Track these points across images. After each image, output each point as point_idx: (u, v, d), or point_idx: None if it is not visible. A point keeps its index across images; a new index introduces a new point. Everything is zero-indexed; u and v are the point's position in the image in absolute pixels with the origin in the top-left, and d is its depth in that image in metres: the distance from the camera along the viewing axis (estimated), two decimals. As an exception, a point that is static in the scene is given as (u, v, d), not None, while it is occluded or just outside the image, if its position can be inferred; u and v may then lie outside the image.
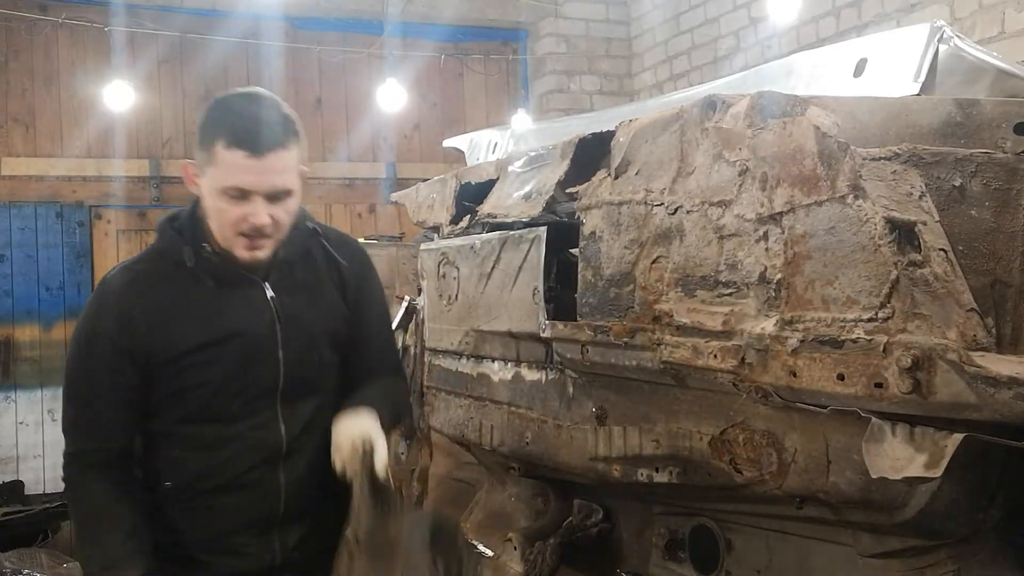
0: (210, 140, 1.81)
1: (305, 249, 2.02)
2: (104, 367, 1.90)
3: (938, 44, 1.99)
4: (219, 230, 1.86)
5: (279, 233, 1.89)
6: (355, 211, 6.90)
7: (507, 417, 2.56)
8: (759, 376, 1.67)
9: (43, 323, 6.00)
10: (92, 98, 6.14)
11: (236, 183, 1.79)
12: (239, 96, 1.90)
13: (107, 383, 1.90)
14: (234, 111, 1.84)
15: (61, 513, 5.31)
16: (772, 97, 1.68)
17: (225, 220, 1.83)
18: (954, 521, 1.68)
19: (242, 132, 1.79)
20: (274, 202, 1.83)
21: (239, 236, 1.84)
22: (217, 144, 1.79)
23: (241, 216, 1.82)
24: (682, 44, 6.73)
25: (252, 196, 1.81)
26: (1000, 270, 1.59)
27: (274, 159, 1.80)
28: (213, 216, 1.86)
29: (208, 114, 1.87)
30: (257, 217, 1.81)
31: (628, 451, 2.11)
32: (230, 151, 1.78)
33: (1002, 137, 1.64)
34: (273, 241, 1.89)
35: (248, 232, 1.83)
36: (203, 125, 1.86)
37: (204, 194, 1.86)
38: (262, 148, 1.78)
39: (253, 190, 1.80)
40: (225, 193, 1.80)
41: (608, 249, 2.08)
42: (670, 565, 2.33)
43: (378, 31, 6.69)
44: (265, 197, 1.82)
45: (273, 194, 1.83)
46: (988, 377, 1.36)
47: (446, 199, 2.88)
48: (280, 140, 1.82)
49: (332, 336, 2.03)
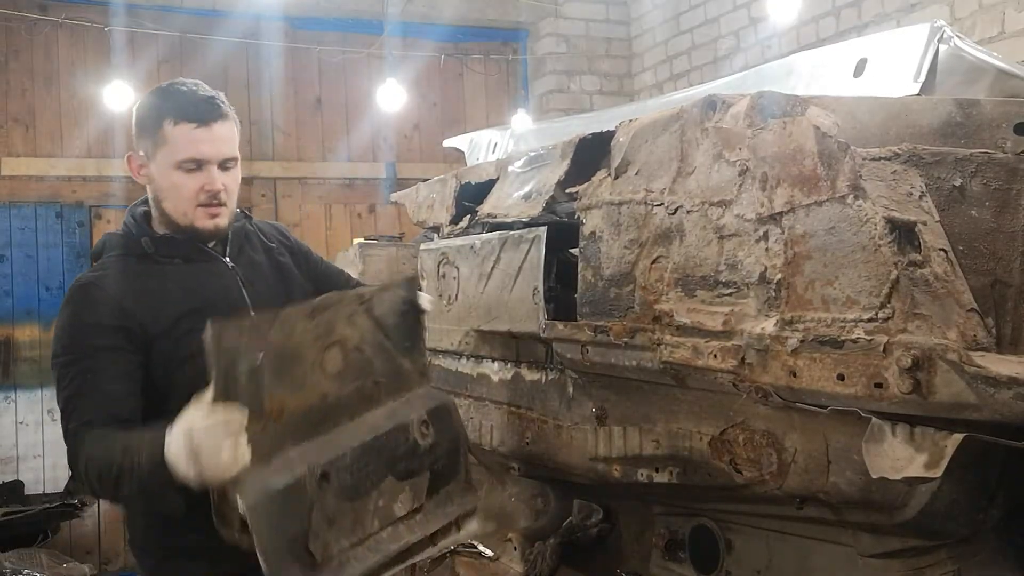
0: (157, 123, 1.95)
1: (245, 232, 2.17)
2: (101, 342, 1.90)
3: (938, 44, 1.99)
4: (177, 206, 1.99)
5: (231, 202, 2.03)
6: (355, 211, 6.89)
7: (507, 417, 2.56)
8: (759, 376, 1.67)
9: (43, 323, 5.98)
10: (92, 98, 6.13)
11: (190, 154, 1.94)
12: (169, 84, 2.04)
13: (106, 357, 1.90)
14: (172, 94, 1.99)
15: (61, 513, 5.31)
16: (772, 97, 1.68)
17: (184, 194, 1.96)
18: (954, 521, 1.68)
19: (187, 107, 1.95)
20: (224, 170, 1.99)
21: (198, 208, 1.98)
22: (165, 123, 1.94)
23: (198, 186, 1.96)
24: (682, 44, 6.73)
25: (206, 165, 1.95)
26: (1000, 270, 1.59)
27: (220, 128, 1.97)
28: (169, 195, 1.98)
29: (147, 104, 2.00)
30: (213, 183, 1.96)
31: (628, 451, 2.11)
32: (179, 126, 1.93)
33: (1002, 137, 1.64)
34: (228, 210, 2.03)
35: (206, 201, 1.97)
36: (144, 115, 1.99)
37: (156, 176, 1.99)
38: (208, 118, 1.95)
39: (206, 158, 1.95)
40: (181, 167, 1.95)
41: (608, 249, 2.08)
42: (670, 565, 2.34)
43: (378, 31, 6.69)
44: (217, 165, 1.97)
45: (223, 161, 1.98)
46: (988, 377, 1.36)
47: (446, 199, 2.88)
48: (221, 111, 1.98)
49: (290, 296, 2.14)
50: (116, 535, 5.97)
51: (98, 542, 6.05)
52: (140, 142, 2.00)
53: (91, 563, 5.62)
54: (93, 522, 5.97)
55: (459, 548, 2.35)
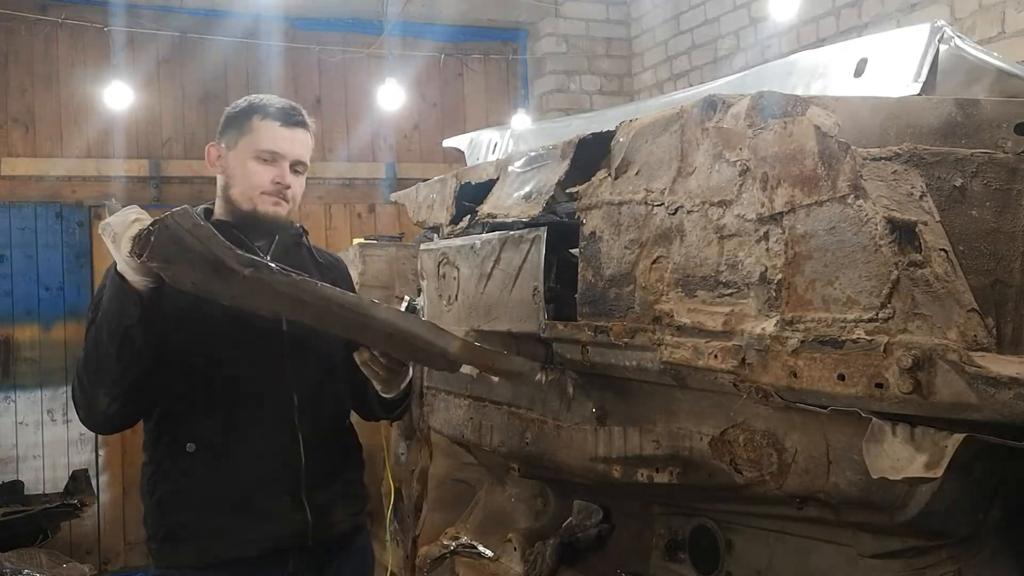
0: (246, 117, 2.15)
1: (297, 240, 2.31)
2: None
3: (938, 44, 1.98)
4: (245, 191, 2.14)
5: (294, 202, 2.19)
6: (355, 211, 6.89)
7: (507, 417, 2.56)
8: (759, 376, 1.67)
9: (43, 323, 5.99)
10: (92, 98, 6.13)
11: (270, 147, 2.13)
12: (268, 94, 2.25)
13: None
14: (264, 98, 2.20)
15: (61, 513, 5.32)
16: (772, 97, 1.68)
17: (255, 181, 2.13)
18: (954, 521, 1.68)
19: (277, 109, 2.17)
20: (293, 172, 2.17)
21: (263, 195, 2.13)
22: (254, 117, 2.15)
23: (270, 177, 2.13)
24: (682, 44, 6.73)
25: (280, 160, 2.14)
26: (1001, 270, 1.59)
27: (300, 134, 2.19)
28: (240, 182, 2.14)
29: (239, 104, 2.20)
30: (284, 177, 2.14)
31: (628, 451, 2.11)
32: (266, 121, 2.14)
33: (1003, 137, 1.63)
34: (290, 206, 2.18)
35: (273, 191, 2.14)
36: (235, 112, 2.19)
37: (231, 164, 2.15)
38: (292, 122, 2.17)
39: (283, 154, 2.14)
40: (258, 157, 2.13)
41: (608, 249, 2.08)
42: (670, 565, 2.34)
43: (378, 31, 6.69)
44: (290, 164, 2.16)
45: (296, 163, 2.17)
46: (988, 377, 1.36)
47: (446, 199, 2.88)
48: (304, 121, 2.21)
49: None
50: (116, 535, 5.98)
51: (98, 542, 6.05)
52: (223, 135, 2.18)
53: (91, 563, 5.63)
54: (93, 522, 5.97)
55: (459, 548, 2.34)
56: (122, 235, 1.80)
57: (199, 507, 2.03)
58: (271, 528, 2.04)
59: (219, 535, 2.02)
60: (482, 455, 2.84)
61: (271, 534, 2.03)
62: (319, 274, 2.21)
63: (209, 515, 2.03)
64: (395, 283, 4.33)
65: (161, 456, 2.08)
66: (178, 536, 2.04)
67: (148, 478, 2.10)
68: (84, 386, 1.95)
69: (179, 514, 2.04)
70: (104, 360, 1.90)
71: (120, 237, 1.80)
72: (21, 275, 5.99)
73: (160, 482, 2.08)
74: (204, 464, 2.03)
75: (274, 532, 2.04)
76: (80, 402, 1.98)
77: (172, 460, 2.06)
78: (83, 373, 1.95)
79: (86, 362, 1.94)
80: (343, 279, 2.38)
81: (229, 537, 2.02)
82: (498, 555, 2.61)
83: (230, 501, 2.03)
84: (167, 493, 2.07)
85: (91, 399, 1.95)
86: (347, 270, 2.46)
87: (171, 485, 2.07)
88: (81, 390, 1.96)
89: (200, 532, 2.03)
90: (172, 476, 2.06)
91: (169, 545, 2.06)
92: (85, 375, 1.94)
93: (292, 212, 2.21)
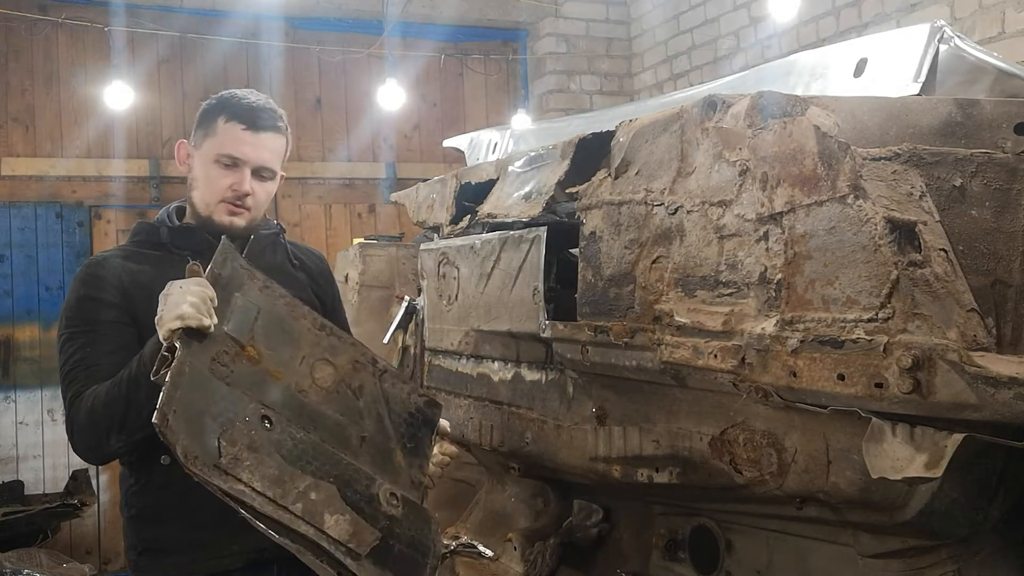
0: (212, 117, 2.05)
1: (273, 240, 2.21)
2: (103, 316, 1.96)
3: (938, 44, 1.98)
4: (203, 197, 2.06)
5: (256, 210, 2.09)
6: (355, 211, 6.89)
7: (507, 417, 2.56)
8: (759, 376, 1.67)
9: (43, 323, 5.99)
10: (92, 98, 6.13)
11: (230, 151, 2.02)
12: (241, 90, 2.12)
13: (107, 331, 1.96)
14: (237, 97, 2.07)
15: (61, 513, 5.31)
16: (772, 97, 1.68)
17: (213, 187, 2.04)
18: (954, 521, 1.68)
19: (243, 110, 2.04)
20: (257, 178, 2.06)
21: (221, 203, 2.04)
22: (219, 118, 2.03)
23: (228, 183, 2.03)
24: (682, 44, 6.73)
25: (242, 166, 2.03)
26: (1000, 270, 1.59)
27: (267, 138, 2.05)
28: (200, 185, 2.06)
29: (212, 101, 2.09)
30: (242, 185, 2.03)
31: (628, 451, 2.11)
32: (229, 123, 2.02)
33: (1002, 137, 1.63)
34: (250, 215, 2.08)
35: (231, 199, 2.04)
36: (206, 110, 2.08)
37: (196, 166, 2.07)
38: (258, 126, 2.03)
39: (244, 160, 2.02)
40: (218, 161, 2.03)
41: (608, 249, 2.08)
42: (670, 565, 2.34)
43: (378, 31, 6.69)
44: (252, 171, 2.04)
45: (259, 169, 2.05)
46: (988, 377, 1.36)
47: (446, 199, 2.88)
48: (274, 124, 2.07)
49: None
50: (116, 535, 5.97)
51: (98, 542, 6.05)
52: (194, 133, 2.10)
53: (91, 563, 5.63)
54: (93, 522, 5.97)
55: (459, 548, 2.34)
56: (166, 316, 1.69)
57: (179, 520, 1.96)
58: (253, 540, 1.93)
59: (201, 549, 1.95)
60: (482, 455, 2.84)
61: (254, 545, 1.91)
62: (288, 272, 2.16)
63: (189, 529, 1.95)
64: (395, 283, 4.33)
65: (138, 469, 2.01)
66: (159, 549, 1.99)
67: (126, 492, 2.05)
68: (98, 427, 1.86)
69: (158, 528, 1.98)
70: (133, 415, 1.80)
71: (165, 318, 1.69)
72: (21, 275, 5.99)
73: (138, 495, 2.02)
74: (180, 477, 1.91)
75: (256, 543, 1.93)
76: (87, 438, 1.89)
77: (148, 474, 1.99)
78: (101, 417, 1.85)
79: (108, 407, 1.83)
80: (320, 274, 2.29)
81: (212, 550, 1.95)
82: (498, 555, 2.61)
83: (210, 513, 1.87)
84: (145, 507, 2.01)
85: (102, 440, 1.87)
86: (326, 265, 2.35)
87: (149, 498, 2.00)
88: (92, 430, 1.87)
89: (181, 545, 1.96)
90: (149, 489, 1.99)
91: (148, 558, 2.00)
92: (104, 419, 1.85)
93: (254, 220, 2.10)
